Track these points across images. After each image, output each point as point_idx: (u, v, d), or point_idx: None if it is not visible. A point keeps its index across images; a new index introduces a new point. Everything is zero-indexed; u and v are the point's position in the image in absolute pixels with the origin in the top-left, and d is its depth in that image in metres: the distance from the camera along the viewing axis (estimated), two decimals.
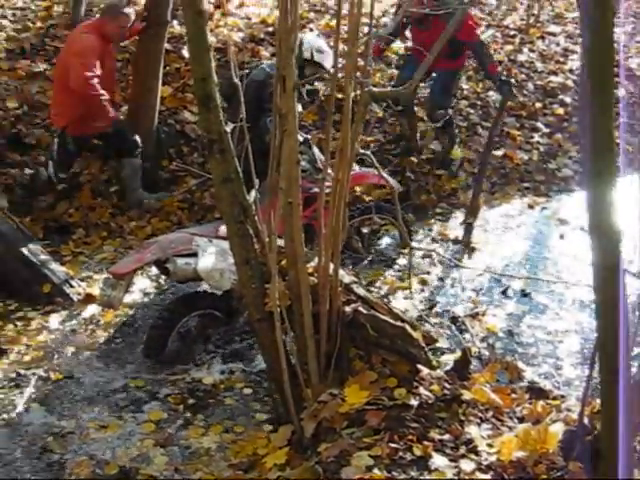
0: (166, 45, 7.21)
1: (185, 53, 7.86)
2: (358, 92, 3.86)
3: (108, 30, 6.50)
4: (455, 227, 6.64)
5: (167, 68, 7.41)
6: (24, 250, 5.54)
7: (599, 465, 2.90)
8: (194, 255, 4.76)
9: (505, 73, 7.98)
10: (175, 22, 7.81)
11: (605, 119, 2.66)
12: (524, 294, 5.53)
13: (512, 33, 9.67)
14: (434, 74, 7.10)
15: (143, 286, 5.73)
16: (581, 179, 7.18)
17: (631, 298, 4.73)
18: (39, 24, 8.30)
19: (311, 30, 8.76)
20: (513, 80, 7.05)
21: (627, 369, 2.78)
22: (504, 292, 5.56)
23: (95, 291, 5.54)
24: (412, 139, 7.33)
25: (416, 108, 7.38)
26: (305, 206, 3.91)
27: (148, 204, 6.66)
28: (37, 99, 7.40)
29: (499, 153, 7.60)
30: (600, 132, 2.64)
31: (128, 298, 5.36)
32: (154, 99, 6.96)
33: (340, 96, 3.86)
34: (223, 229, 4.11)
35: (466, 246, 6.11)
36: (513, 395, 3.95)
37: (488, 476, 3.23)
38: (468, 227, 6.16)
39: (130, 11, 6.70)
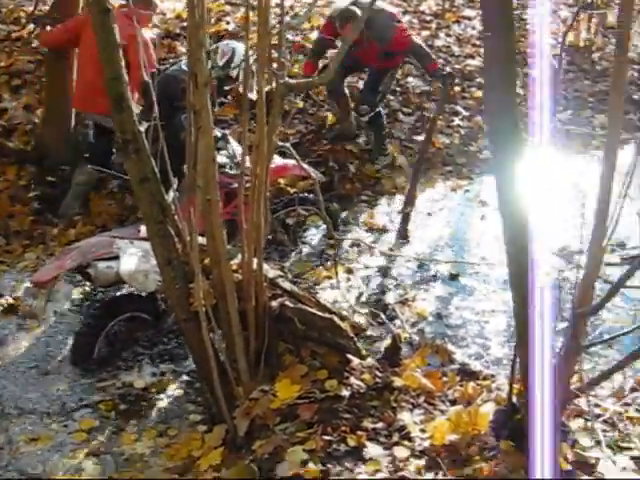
0: None
1: None
2: (274, 85, 3.81)
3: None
4: (381, 214, 6.67)
5: None
6: None
7: (524, 442, 2.94)
8: (116, 258, 4.66)
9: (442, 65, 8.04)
10: None
11: (507, 103, 2.71)
12: (452, 277, 5.58)
13: (428, 19, 9.72)
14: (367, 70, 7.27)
15: (68, 293, 5.58)
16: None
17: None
18: None
19: (227, 24, 8.68)
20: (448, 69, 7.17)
21: (546, 342, 2.82)
22: (434, 277, 5.60)
23: (18, 301, 5.40)
24: (345, 120, 7.35)
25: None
26: (226, 202, 3.87)
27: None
28: None
29: (421, 138, 7.63)
30: (502, 117, 2.70)
31: (54, 306, 5.24)
32: (69, 100, 6.77)
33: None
34: (144, 230, 4.03)
35: (403, 236, 6.15)
36: (444, 378, 3.99)
37: (422, 461, 3.25)
38: (405, 216, 6.20)
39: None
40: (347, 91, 7.28)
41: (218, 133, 5.19)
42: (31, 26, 8.06)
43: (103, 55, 3.51)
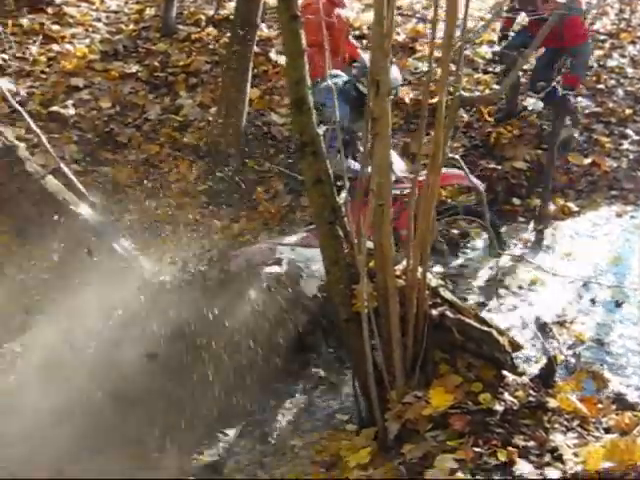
0: (255, 48, 7.33)
1: (273, 56, 8.01)
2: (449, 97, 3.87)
3: None
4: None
5: (255, 70, 7.55)
6: None
7: None
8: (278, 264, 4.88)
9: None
10: (264, 25, 7.94)
11: None
12: (617, 304, 5.44)
13: (602, 38, 9.49)
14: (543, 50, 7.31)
15: None
16: None
17: None
18: (132, 27, 8.55)
19: (398, 34, 8.79)
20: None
21: None
22: (593, 300, 5.48)
23: None
24: (513, 101, 7.37)
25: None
26: None
27: None
28: (129, 99, 7.62)
29: (587, 160, 7.48)
30: None
31: None
32: (243, 100, 7.10)
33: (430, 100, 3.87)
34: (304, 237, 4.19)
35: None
36: (599, 405, 3.91)
37: None
38: (539, 234, 6.14)
39: None
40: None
41: None
42: (210, 28, 8.47)
43: (289, 60, 3.69)
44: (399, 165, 5.56)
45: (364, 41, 8.26)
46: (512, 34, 7.56)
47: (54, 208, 5.55)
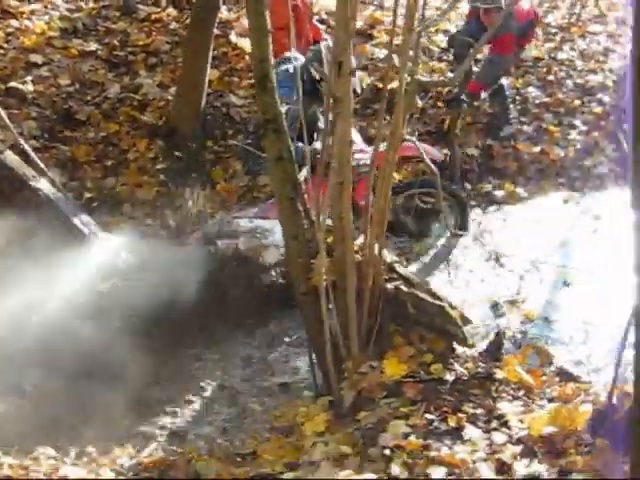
0: (215, 30, 7.40)
1: (233, 38, 8.09)
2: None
3: None
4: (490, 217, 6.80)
5: (215, 52, 7.61)
6: None
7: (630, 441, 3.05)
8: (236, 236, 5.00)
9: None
10: (224, 8, 8.00)
11: None
12: (564, 283, 5.68)
13: (554, 31, 9.75)
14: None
15: None
16: (616, 177, 7.31)
17: None
18: (91, 5, 8.55)
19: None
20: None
21: None
22: (540, 280, 5.71)
23: None
24: (463, 86, 7.60)
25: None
26: None
27: None
28: (88, 77, 7.64)
29: (536, 149, 7.73)
30: None
31: None
32: (203, 81, 7.18)
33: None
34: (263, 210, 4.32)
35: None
36: (544, 377, 4.12)
37: (518, 448, 3.39)
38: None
39: None
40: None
41: None
42: (171, 9, 8.52)
43: (254, 38, 3.81)
44: (358, 142, 5.73)
45: (322, 26, 8.36)
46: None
47: (14, 183, 5.59)
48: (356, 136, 5.71)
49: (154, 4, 8.79)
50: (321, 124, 5.58)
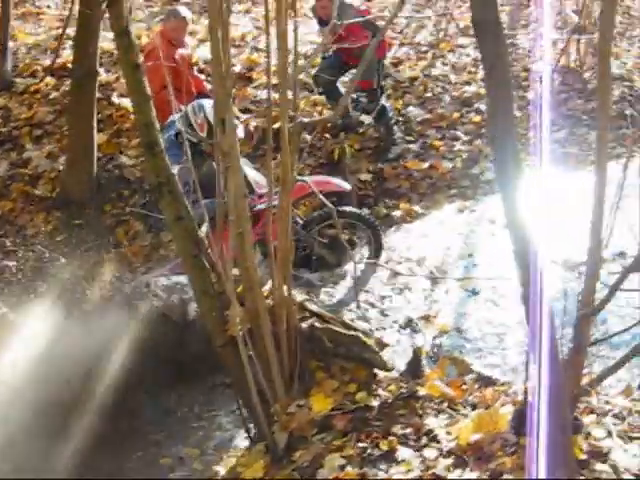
0: (96, 94, 7.42)
1: (115, 100, 8.12)
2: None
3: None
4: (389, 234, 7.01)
5: (99, 115, 7.62)
6: None
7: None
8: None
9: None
10: (102, 70, 8.03)
11: (506, 127, 3.05)
12: (473, 292, 5.91)
13: (424, 49, 10.12)
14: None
15: None
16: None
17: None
18: None
19: (233, 65, 9.06)
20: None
21: (554, 347, 3.15)
22: (446, 292, 5.93)
23: None
24: (347, 116, 7.95)
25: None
26: (254, 223, 4.25)
27: None
28: None
29: (425, 165, 8.00)
30: (503, 141, 3.03)
31: None
32: (91, 146, 7.19)
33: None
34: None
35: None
36: (464, 386, 4.30)
37: (450, 460, 3.55)
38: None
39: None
40: (343, 89, 7.85)
41: None
42: (49, 78, 8.49)
43: (136, 106, 3.91)
44: (260, 181, 5.83)
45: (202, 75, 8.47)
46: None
47: None
48: (262, 179, 5.83)
49: (31, 75, 8.75)
50: None
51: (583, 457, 3.40)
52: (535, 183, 3.14)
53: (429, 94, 8.98)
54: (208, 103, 5.90)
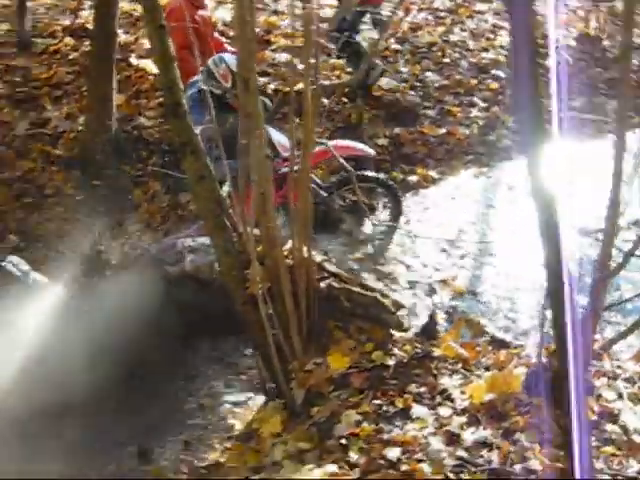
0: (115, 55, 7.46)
1: (133, 61, 8.15)
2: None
3: None
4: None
5: (118, 76, 7.65)
6: None
7: (557, 395, 3.33)
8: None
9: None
10: (121, 31, 8.05)
11: (533, 91, 3.08)
12: (485, 256, 5.99)
13: (443, 14, 10.10)
14: None
15: None
16: (519, 148, 7.68)
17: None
18: None
19: None
20: None
21: (574, 308, 3.22)
22: (462, 256, 6.01)
23: None
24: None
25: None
26: (277, 187, 4.31)
27: None
28: None
29: (442, 131, 8.04)
30: (531, 104, 3.06)
31: None
32: (110, 107, 7.23)
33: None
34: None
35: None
36: (478, 348, 4.38)
37: (464, 418, 3.64)
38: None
39: None
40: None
41: None
42: (68, 39, 8.52)
43: (161, 67, 3.95)
44: (285, 144, 5.86)
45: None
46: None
47: None
48: (287, 142, 5.87)
49: (50, 36, 8.77)
50: None
51: (594, 418, 3.49)
52: (554, 150, 3.19)
53: (447, 60, 9.01)
54: (228, 55, 5.94)
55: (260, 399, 4.64)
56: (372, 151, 6.54)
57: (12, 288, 5.26)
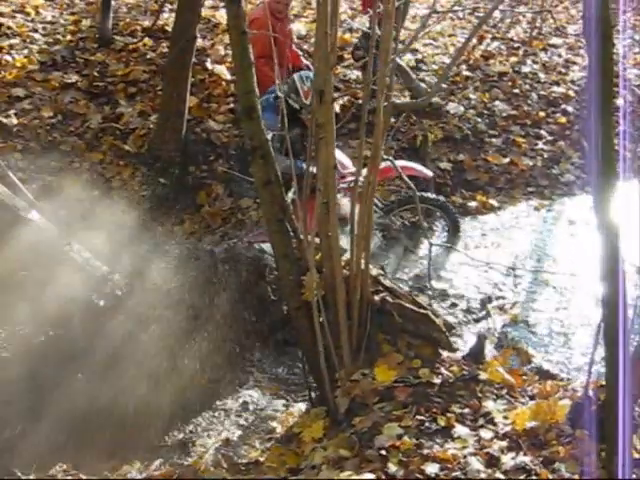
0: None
1: (209, 65, 8.35)
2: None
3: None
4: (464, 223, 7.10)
5: (193, 79, 7.85)
6: None
7: (603, 429, 3.33)
8: None
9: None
10: (198, 36, 8.25)
11: (607, 128, 3.10)
12: (542, 286, 5.98)
13: (516, 45, 10.13)
14: None
15: None
16: (583, 183, 7.66)
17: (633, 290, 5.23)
18: (69, 37, 8.76)
19: None
20: None
21: (626, 347, 3.23)
22: (516, 285, 6.01)
23: None
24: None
25: None
26: None
27: None
28: (70, 109, 7.85)
29: (506, 160, 8.06)
30: (603, 141, 3.07)
31: None
32: (183, 108, 7.42)
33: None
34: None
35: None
36: (524, 376, 4.39)
37: (505, 443, 3.66)
38: None
39: None
40: None
41: None
42: (147, 39, 8.76)
43: (240, 72, 4.07)
44: (343, 161, 6.01)
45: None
46: None
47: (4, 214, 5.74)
48: (346, 159, 6.03)
49: (130, 34, 9.03)
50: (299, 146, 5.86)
51: (637, 456, 3.48)
52: (621, 188, 3.20)
53: (516, 90, 9.03)
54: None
55: (302, 405, 4.71)
56: (430, 172, 6.61)
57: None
